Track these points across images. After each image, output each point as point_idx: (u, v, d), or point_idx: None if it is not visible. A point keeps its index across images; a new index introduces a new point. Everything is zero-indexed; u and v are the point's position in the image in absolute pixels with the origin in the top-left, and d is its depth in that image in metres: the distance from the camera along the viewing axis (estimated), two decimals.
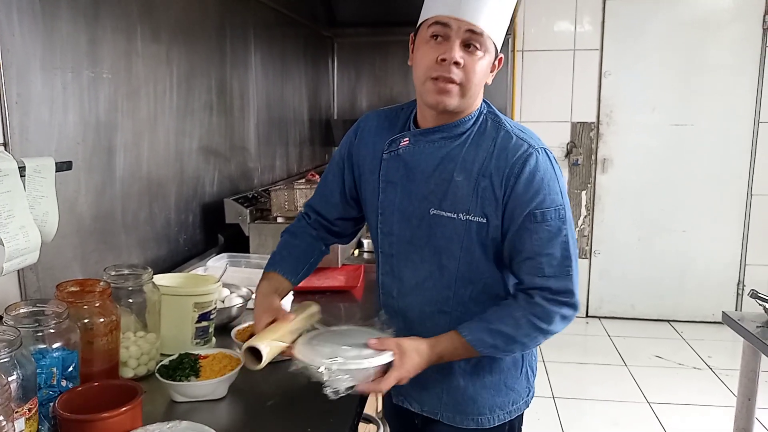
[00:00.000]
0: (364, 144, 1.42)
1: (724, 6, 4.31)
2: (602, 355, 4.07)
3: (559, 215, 1.22)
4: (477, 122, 1.29)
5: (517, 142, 1.24)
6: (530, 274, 1.24)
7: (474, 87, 1.23)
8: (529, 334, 1.23)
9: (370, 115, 1.44)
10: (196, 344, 1.52)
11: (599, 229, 4.68)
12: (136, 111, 1.87)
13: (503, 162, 1.23)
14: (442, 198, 1.27)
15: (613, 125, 4.54)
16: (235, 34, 2.61)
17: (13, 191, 1.17)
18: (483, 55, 1.21)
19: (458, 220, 1.26)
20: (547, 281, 1.22)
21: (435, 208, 1.28)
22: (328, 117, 4.38)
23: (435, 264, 1.32)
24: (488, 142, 1.26)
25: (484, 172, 1.24)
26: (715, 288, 4.59)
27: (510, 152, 1.23)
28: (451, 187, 1.26)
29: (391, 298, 1.41)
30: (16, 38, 1.38)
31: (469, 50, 1.20)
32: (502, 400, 1.39)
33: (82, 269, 1.61)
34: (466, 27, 1.18)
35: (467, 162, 1.26)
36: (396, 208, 1.34)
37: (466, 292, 1.31)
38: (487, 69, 1.24)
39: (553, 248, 1.22)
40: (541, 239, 1.22)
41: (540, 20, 4.46)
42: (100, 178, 1.70)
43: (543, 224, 1.21)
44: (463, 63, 1.19)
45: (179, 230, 2.16)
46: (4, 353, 0.98)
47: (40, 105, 1.46)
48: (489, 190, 1.23)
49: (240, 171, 2.71)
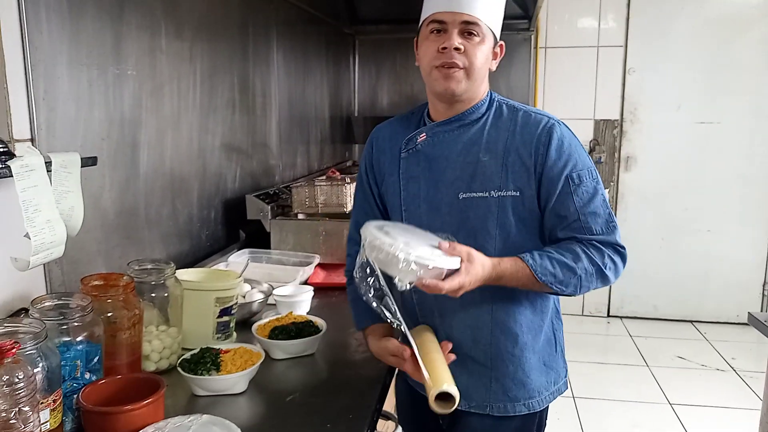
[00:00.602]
0: (381, 152, 1.46)
1: (752, 3, 4.23)
2: (624, 356, 4.02)
3: (592, 175, 1.30)
4: (491, 107, 1.36)
5: (537, 117, 1.32)
6: (580, 233, 1.29)
7: (477, 70, 1.29)
8: (587, 268, 1.27)
9: (381, 126, 1.49)
10: (217, 339, 1.54)
11: (622, 228, 4.46)
12: (159, 108, 1.89)
13: (528, 136, 1.29)
14: (471, 180, 1.31)
15: (637, 123, 4.48)
16: (257, 31, 2.63)
17: (40, 186, 1.19)
18: (481, 39, 1.28)
19: (491, 198, 1.30)
20: (598, 237, 1.29)
21: (464, 192, 1.32)
22: (349, 114, 4.39)
23: (472, 246, 1.29)
24: (508, 123, 1.33)
25: (510, 148, 1.30)
26: (739, 289, 4.52)
27: (532, 126, 1.30)
28: (478, 167, 1.31)
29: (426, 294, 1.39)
30: (44, 36, 1.40)
31: (467, 37, 1.28)
32: (546, 380, 1.40)
33: (105, 263, 1.64)
34: (461, 19, 1.26)
35: (491, 143, 1.32)
36: (422, 201, 1.36)
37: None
38: (488, 54, 1.32)
39: (595, 207, 1.29)
40: (582, 200, 1.28)
41: (563, 17, 4.42)
42: (124, 174, 1.73)
43: (581, 186, 1.28)
44: (463, 48, 1.27)
45: (201, 226, 2.18)
46: (30, 345, 1.00)
47: (66, 101, 1.49)
48: (518, 163, 1.29)
49: (261, 168, 2.72)
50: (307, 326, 1.54)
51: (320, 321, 1.59)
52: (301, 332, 1.51)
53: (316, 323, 1.57)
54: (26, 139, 1.37)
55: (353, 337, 1.65)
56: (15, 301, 1.34)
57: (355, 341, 1.63)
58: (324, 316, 1.63)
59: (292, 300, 1.75)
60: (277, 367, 1.46)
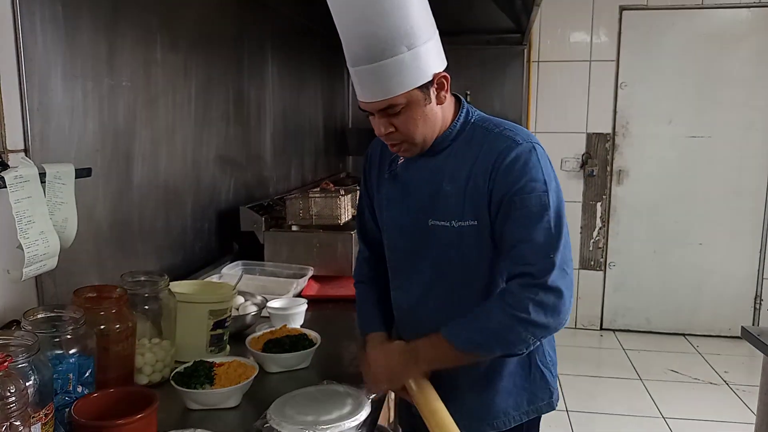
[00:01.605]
0: (373, 168, 1.48)
1: (741, 18, 4.28)
2: (617, 369, 4.02)
3: (540, 201, 1.20)
4: (462, 132, 1.31)
5: (503, 139, 1.26)
6: (513, 262, 1.22)
7: (418, 134, 1.25)
8: (506, 325, 1.18)
9: (376, 141, 1.48)
10: (211, 352, 1.53)
11: (614, 240, 4.64)
12: (154, 119, 1.89)
13: (487, 160, 1.24)
14: (435, 209, 1.31)
15: (628, 137, 4.51)
16: (252, 43, 2.63)
17: (34, 197, 1.19)
18: (407, 106, 1.21)
19: (452, 227, 1.29)
20: (527, 267, 1.19)
21: (432, 219, 1.31)
22: (343, 126, 4.39)
23: (435, 273, 1.35)
24: (476, 149, 1.28)
25: (471, 175, 1.26)
26: (731, 302, 4.53)
27: (494, 149, 1.25)
28: (441, 197, 1.30)
29: (403, 311, 1.45)
30: (38, 47, 1.40)
31: (392, 114, 1.22)
32: (515, 400, 1.39)
33: (98, 275, 1.63)
34: (377, 107, 1.22)
35: (455, 171, 1.28)
36: (397, 224, 1.39)
37: (469, 298, 1.32)
38: (422, 111, 1.23)
39: (535, 234, 1.19)
40: (522, 225, 1.20)
41: (556, 31, 4.46)
42: (117, 186, 1.72)
43: (523, 210, 1.20)
44: (394, 128, 1.24)
45: (195, 238, 2.17)
46: (22, 358, 0.98)
47: (60, 112, 1.48)
48: (476, 190, 1.25)
49: (256, 179, 2.72)
50: (301, 339, 1.54)
51: (314, 334, 1.58)
52: (295, 345, 1.51)
53: (310, 336, 1.57)
54: (20, 149, 1.36)
55: (347, 351, 1.65)
56: (6, 312, 1.32)
57: (349, 354, 1.62)
58: (318, 329, 1.63)
59: (286, 313, 1.74)
60: (271, 380, 1.45)
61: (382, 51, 1.15)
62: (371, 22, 1.15)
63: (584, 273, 4.67)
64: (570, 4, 4.38)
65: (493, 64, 4.23)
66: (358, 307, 1.53)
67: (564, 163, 4.51)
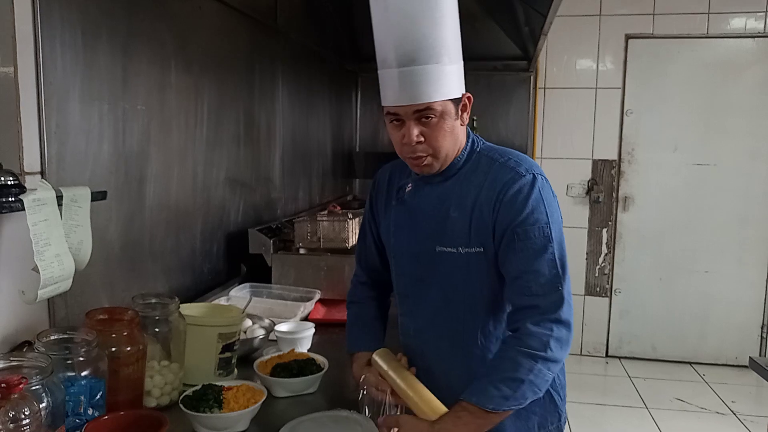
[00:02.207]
0: (380, 194, 1.50)
1: (746, 48, 4.32)
2: (622, 397, 3.99)
3: (543, 233, 1.22)
4: (469, 160, 1.34)
5: (507, 170, 1.28)
6: (518, 294, 1.23)
7: (444, 148, 1.28)
8: (532, 368, 1.17)
9: (385, 168, 1.52)
10: (219, 375, 1.53)
11: (620, 267, 4.63)
12: (167, 142, 1.91)
13: (493, 189, 1.27)
14: (442, 235, 1.32)
15: (634, 164, 4.53)
16: (263, 67, 2.67)
17: (51, 220, 1.20)
18: (440, 117, 1.25)
19: (458, 253, 1.30)
20: (534, 299, 1.20)
21: (439, 245, 1.33)
22: (350, 149, 4.43)
23: (442, 299, 1.36)
24: (481, 177, 1.30)
25: (476, 203, 1.28)
26: (738, 331, 4.50)
27: (499, 179, 1.27)
28: (448, 223, 1.31)
29: (410, 337, 1.46)
30: (58, 71, 1.43)
31: (425, 122, 1.25)
32: (524, 424, 1.38)
33: (108, 296, 1.63)
34: (411, 109, 1.24)
35: (462, 198, 1.30)
36: (405, 250, 1.40)
37: (473, 324, 1.34)
38: (451, 125, 1.27)
39: (539, 265, 1.21)
40: (526, 257, 1.22)
41: (562, 59, 4.50)
42: (130, 208, 1.73)
43: (526, 242, 1.22)
44: (424, 138, 1.26)
45: (203, 259, 2.18)
46: (36, 380, 0.99)
47: (77, 135, 1.50)
48: (481, 218, 1.27)
49: (264, 201, 2.74)
50: (308, 364, 1.54)
51: (322, 359, 1.58)
52: (303, 370, 1.51)
53: (317, 361, 1.57)
54: (36, 171, 1.38)
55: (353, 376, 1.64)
56: (19, 333, 1.33)
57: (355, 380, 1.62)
58: (325, 353, 1.63)
59: (294, 337, 1.74)
60: (279, 404, 1.45)
61: (429, 56, 1.21)
62: (424, 27, 1.21)
63: (590, 299, 4.66)
64: (577, 32, 4.43)
65: (500, 90, 4.27)
66: (348, 327, 1.55)
67: (570, 189, 4.53)
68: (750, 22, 4.29)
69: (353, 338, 1.53)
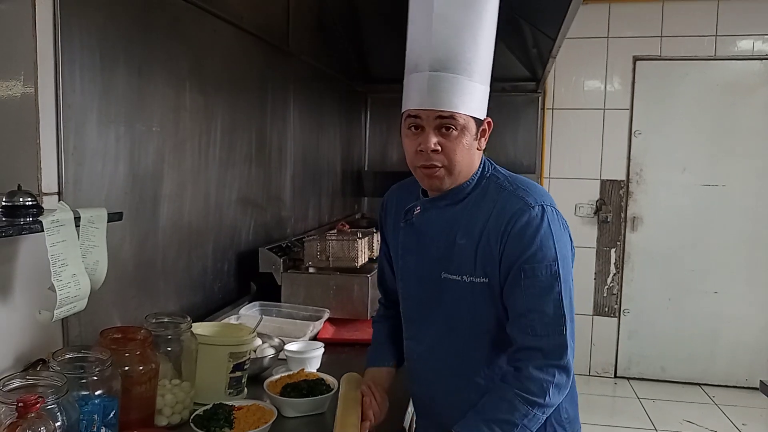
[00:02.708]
0: (389, 216, 1.50)
1: (753, 70, 4.34)
2: (631, 418, 3.95)
3: (550, 270, 1.20)
4: (479, 185, 1.32)
5: (516, 200, 1.25)
6: (522, 332, 1.22)
7: (458, 165, 1.27)
8: (527, 413, 1.19)
9: (393, 189, 1.52)
10: (230, 394, 1.54)
11: (628, 287, 4.61)
12: (181, 163, 1.94)
13: (500, 220, 1.24)
14: (449, 261, 1.31)
15: (642, 184, 4.54)
16: (275, 89, 2.71)
17: (68, 240, 1.23)
18: (460, 131, 1.24)
19: (463, 282, 1.28)
20: (538, 341, 1.20)
21: (445, 272, 1.31)
22: (359, 169, 4.46)
23: (445, 326, 1.34)
24: (489, 205, 1.28)
25: (484, 232, 1.26)
26: (748, 352, 4.47)
27: (506, 210, 1.24)
28: (455, 250, 1.29)
29: (413, 361, 1.45)
30: (76, 94, 1.46)
31: (445, 133, 1.24)
32: None
33: (121, 315, 1.66)
34: (435, 115, 1.23)
35: (469, 225, 1.29)
36: (412, 272, 1.39)
37: (476, 354, 1.32)
38: (470, 143, 1.26)
39: (544, 305, 1.20)
40: (531, 295, 1.20)
41: (570, 79, 4.53)
42: (144, 228, 1.76)
43: (533, 279, 1.20)
44: (441, 148, 1.24)
45: (214, 278, 2.20)
46: (51, 399, 1.01)
47: (93, 157, 1.54)
48: (488, 248, 1.25)
49: (274, 220, 2.76)
50: (318, 384, 1.55)
51: (331, 379, 1.59)
52: (312, 390, 1.51)
53: (327, 381, 1.57)
54: (53, 192, 1.41)
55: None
56: (33, 351, 1.35)
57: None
58: (334, 372, 1.63)
59: (304, 356, 1.75)
60: (288, 424, 1.46)
61: (463, 69, 1.22)
62: (463, 40, 1.22)
63: (598, 319, 4.64)
64: (585, 53, 4.46)
65: (509, 111, 4.30)
66: (372, 344, 1.59)
67: (578, 208, 4.53)
68: (757, 45, 4.31)
69: (368, 355, 1.56)
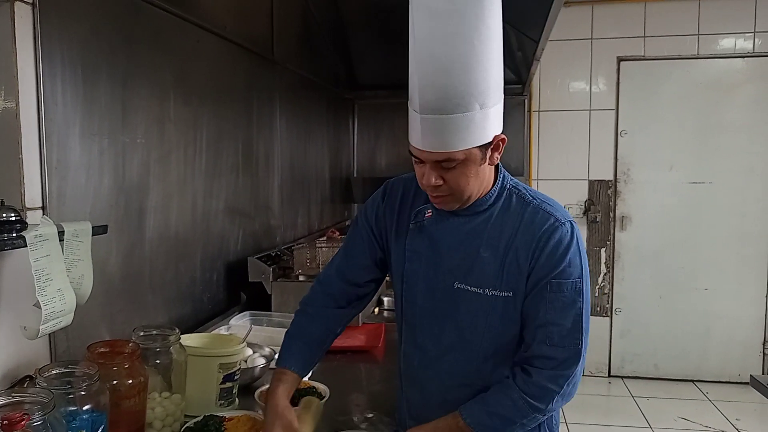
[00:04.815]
0: (390, 210, 1.42)
1: (736, 68, 4.39)
2: (626, 417, 3.96)
3: (575, 288, 1.23)
4: (500, 198, 1.30)
5: (544, 215, 1.26)
6: (539, 341, 1.24)
7: (466, 190, 1.24)
8: (527, 415, 1.24)
9: (397, 182, 1.45)
10: (220, 405, 1.53)
11: (619, 286, 4.64)
12: (166, 174, 1.93)
13: (530, 236, 1.24)
14: (468, 273, 1.28)
15: (630, 183, 4.57)
16: (261, 98, 2.71)
17: (52, 255, 1.21)
18: (462, 163, 1.20)
19: (484, 295, 1.27)
20: (554, 351, 1.23)
21: (459, 282, 1.29)
22: (348, 175, 4.46)
23: (457, 338, 1.32)
24: (514, 218, 1.27)
25: (510, 246, 1.25)
26: (739, 347, 4.50)
27: (537, 226, 1.24)
28: (477, 262, 1.27)
29: (412, 367, 1.41)
30: (58, 107, 1.45)
31: (445, 167, 1.20)
32: None
33: (108, 329, 1.64)
34: (432, 158, 1.20)
35: (493, 238, 1.27)
36: (420, 279, 1.35)
37: (488, 366, 1.31)
38: (475, 169, 1.22)
39: (565, 319, 1.23)
40: (554, 308, 1.23)
41: (556, 81, 4.56)
42: (130, 240, 1.75)
43: (558, 294, 1.23)
44: (443, 181, 1.22)
45: (203, 289, 2.19)
46: (38, 416, 0.99)
47: (77, 170, 1.53)
48: (515, 263, 1.24)
49: (263, 229, 2.76)
50: (309, 393, 1.54)
51: (323, 387, 1.58)
52: None
53: (318, 389, 1.57)
54: (37, 207, 1.40)
55: (355, 404, 1.64)
56: (20, 368, 1.34)
57: (357, 407, 1.62)
58: (326, 381, 1.63)
59: None
60: None
61: (456, 105, 1.14)
62: (453, 75, 1.12)
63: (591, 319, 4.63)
64: (569, 55, 4.50)
65: None
66: (288, 335, 1.44)
67: (567, 209, 4.53)
68: (739, 42, 4.36)
69: (289, 352, 1.40)
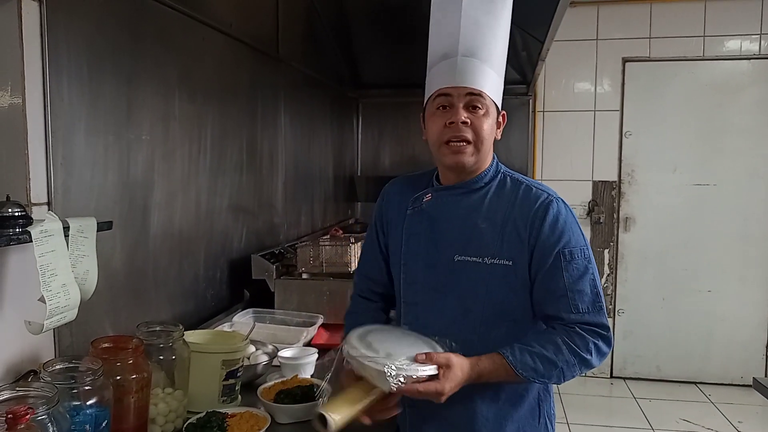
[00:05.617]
0: (390, 206, 1.53)
1: (742, 70, 4.38)
2: (628, 418, 3.96)
3: (584, 254, 1.32)
4: (495, 178, 1.42)
5: (537, 192, 1.37)
6: (566, 311, 1.31)
7: (484, 141, 1.36)
8: (569, 360, 1.28)
9: (395, 181, 1.57)
10: (223, 402, 1.54)
11: (623, 287, 4.63)
12: (171, 171, 1.94)
13: (526, 209, 1.34)
14: (467, 244, 1.36)
15: (634, 184, 4.56)
16: (265, 96, 2.71)
17: (57, 250, 1.22)
18: (486, 111, 1.35)
19: (483, 264, 1.34)
20: (582, 316, 1.30)
21: (459, 255, 1.37)
22: (352, 174, 4.46)
23: (459, 309, 1.37)
24: (510, 195, 1.38)
25: (508, 219, 1.35)
26: (742, 350, 4.49)
27: (531, 201, 1.35)
28: (475, 233, 1.36)
29: None
30: (64, 104, 1.46)
31: (472, 110, 1.34)
32: None
33: (112, 325, 1.65)
34: (465, 91, 1.33)
35: (491, 211, 1.37)
36: (420, 257, 1.42)
37: (490, 335, 1.35)
38: (493, 125, 1.37)
39: (583, 285, 1.31)
40: (572, 277, 1.30)
41: (561, 82, 4.56)
42: (134, 236, 1.76)
43: (572, 263, 1.31)
44: (470, 122, 1.33)
45: (207, 286, 2.20)
46: (42, 410, 1.00)
47: (82, 166, 1.53)
48: (514, 234, 1.33)
49: (267, 227, 2.76)
50: (312, 390, 1.54)
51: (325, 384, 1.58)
52: (306, 396, 1.51)
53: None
54: (43, 202, 1.41)
55: None
56: (24, 363, 1.35)
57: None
58: None
59: (298, 363, 1.74)
60: (282, 431, 1.45)
61: (488, 58, 1.35)
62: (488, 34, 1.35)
63: None
64: (574, 56, 4.49)
65: None
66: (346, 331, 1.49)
67: None
68: (745, 44, 4.35)
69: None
